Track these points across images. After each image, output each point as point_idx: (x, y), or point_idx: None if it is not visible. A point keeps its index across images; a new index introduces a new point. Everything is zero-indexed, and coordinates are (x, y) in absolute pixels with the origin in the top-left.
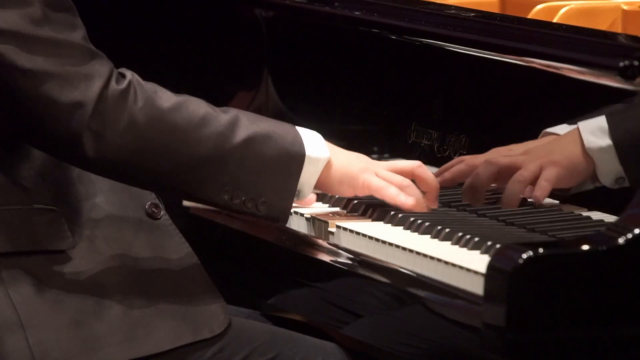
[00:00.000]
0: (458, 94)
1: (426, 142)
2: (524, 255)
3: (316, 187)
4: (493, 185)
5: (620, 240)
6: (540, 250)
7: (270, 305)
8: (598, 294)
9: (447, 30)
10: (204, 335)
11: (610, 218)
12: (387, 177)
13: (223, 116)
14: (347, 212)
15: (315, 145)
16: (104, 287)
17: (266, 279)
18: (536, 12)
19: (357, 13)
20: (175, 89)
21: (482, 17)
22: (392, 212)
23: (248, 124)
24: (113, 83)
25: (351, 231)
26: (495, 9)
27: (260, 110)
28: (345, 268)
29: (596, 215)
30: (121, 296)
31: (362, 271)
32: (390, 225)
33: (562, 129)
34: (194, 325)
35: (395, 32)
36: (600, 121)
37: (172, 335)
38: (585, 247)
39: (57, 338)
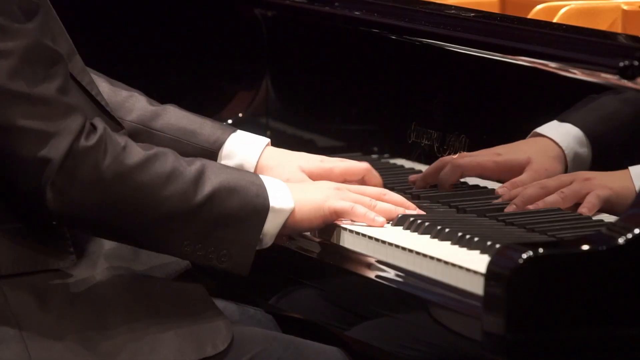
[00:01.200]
0: (458, 94)
1: (426, 142)
2: (524, 255)
3: (285, 231)
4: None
5: (620, 240)
6: (540, 250)
7: (272, 306)
8: (598, 294)
9: (447, 30)
10: (208, 352)
11: (610, 218)
12: (358, 194)
13: (189, 170)
14: None
15: (279, 195)
16: (107, 304)
17: (267, 280)
18: (536, 12)
19: (357, 13)
20: (176, 89)
21: (482, 17)
22: None
23: (213, 178)
24: (82, 140)
25: (351, 231)
26: (495, 9)
27: (261, 110)
28: (346, 268)
29: (596, 215)
30: (125, 314)
31: (362, 271)
32: (390, 225)
33: (550, 128)
34: (198, 342)
35: (395, 32)
36: None
37: (175, 353)
38: (585, 247)
39: (60, 356)
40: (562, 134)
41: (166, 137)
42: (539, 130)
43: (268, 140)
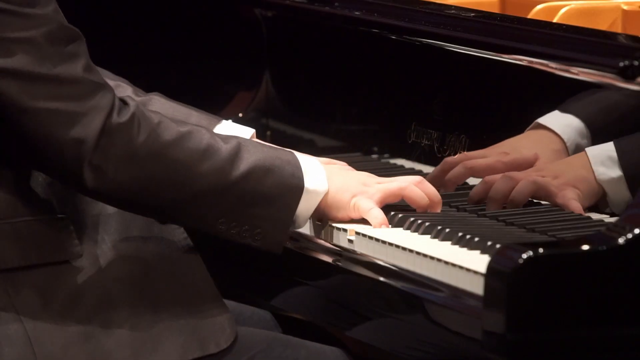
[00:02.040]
0: (458, 94)
1: (426, 142)
2: (524, 255)
3: (313, 216)
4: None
5: (620, 240)
6: (540, 250)
7: (272, 305)
8: (598, 294)
9: (447, 30)
10: (211, 350)
11: (610, 218)
12: (383, 191)
13: (225, 148)
14: None
15: (314, 176)
16: (111, 300)
17: (267, 279)
18: (536, 12)
19: (357, 13)
20: (176, 88)
21: (482, 17)
22: (392, 213)
23: (248, 156)
24: (115, 116)
25: (352, 232)
26: (495, 9)
27: (261, 110)
28: (346, 268)
29: (596, 215)
30: (129, 309)
31: (362, 271)
32: (390, 225)
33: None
34: (201, 339)
35: (395, 32)
36: (609, 150)
37: (179, 351)
38: (585, 247)
39: (64, 353)
40: (563, 125)
41: None
42: (541, 120)
43: (253, 131)
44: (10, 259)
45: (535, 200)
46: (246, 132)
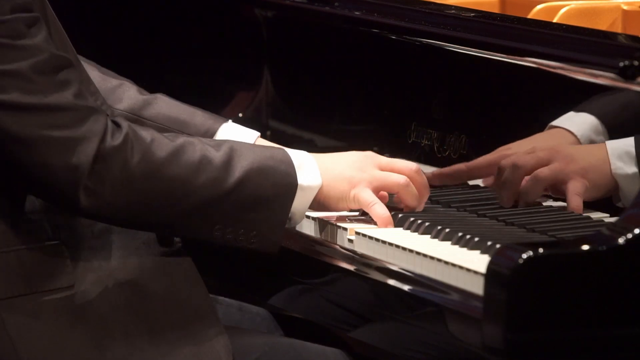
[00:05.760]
0: (458, 94)
1: (426, 142)
2: (524, 255)
3: (311, 209)
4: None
5: (620, 240)
6: (540, 250)
7: (272, 305)
8: (598, 294)
9: (447, 30)
10: None
11: (610, 218)
12: (382, 182)
13: (217, 156)
14: (347, 212)
15: (307, 172)
16: (107, 327)
17: (267, 279)
18: (536, 12)
19: (357, 13)
20: (176, 88)
21: (482, 17)
22: (392, 213)
23: (242, 161)
24: (109, 139)
25: (352, 232)
26: (495, 9)
27: (261, 110)
28: (345, 268)
29: (596, 215)
30: (125, 337)
31: (362, 271)
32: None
33: (567, 120)
34: None
35: (395, 32)
36: (628, 145)
37: None
38: (585, 247)
39: None
40: (577, 123)
41: (157, 127)
42: (555, 122)
43: (258, 133)
44: None
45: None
46: (252, 134)
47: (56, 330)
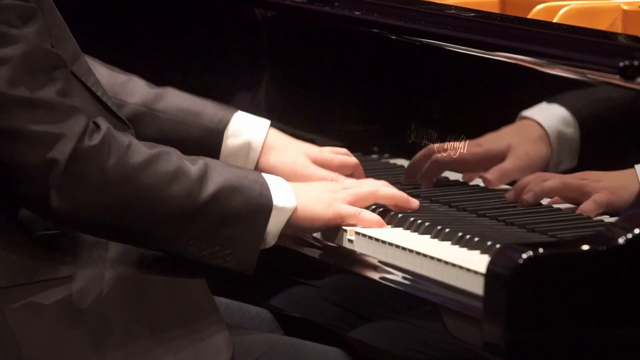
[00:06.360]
0: (458, 94)
1: (426, 142)
2: (524, 255)
3: (287, 231)
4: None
5: (620, 240)
6: (540, 250)
7: (273, 305)
8: (598, 294)
9: (447, 30)
10: None
11: (610, 218)
12: (354, 195)
13: (193, 170)
14: None
15: (282, 193)
16: (107, 321)
17: (267, 279)
18: (536, 12)
19: (357, 13)
20: (176, 88)
21: (482, 17)
22: (392, 213)
23: (216, 176)
24: (86, 140)
25: (351, 232)
26: (495, 9)
27: (260, 110)
28: (346, 268)
29: (596, 215)
30: (125, 331)
31: (362, 271)
32: (390, 225)
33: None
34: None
35: (395, 32)
36: None
37: None
38: (585, 247)
39: None
40: (546, 114)
41: (170, 119)
42: (524, 113)
43: (269, 121)
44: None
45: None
46: (264, 123)
47: (56, 323)
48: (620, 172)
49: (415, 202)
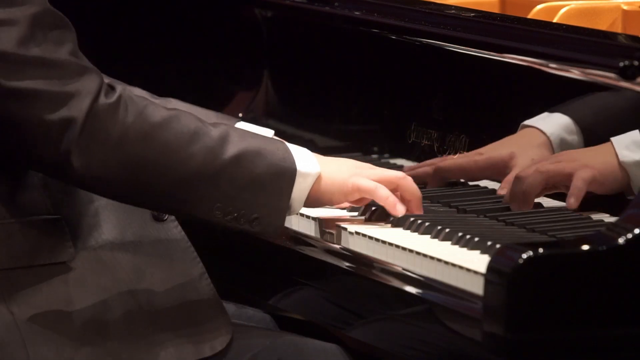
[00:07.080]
0: (458, 94)
1: (426, 142)
2: (524, 255)
3: (308, 201)
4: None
5: (620, 240)
6: (540, 250)
7: (271, 306)
8: (598, 294)
9: (447, 30)
10: (205, 353)
11: (610, 218)
12: (379, 175)
13: (213, 131)
14: (347, 212)
15: (305, 160)
16: (106, 304)
17: (266, 280)
18: (536, 12)
19: (357, 13)
20: (176, 89)
21: (482, 17)
22: None
23: (238, 140)
24: (102, 97)
25: (351, 231)
26: (495, 9)
27: (261, 110)
28: (345, 268)
29: (596, 215)
30: (124, 314)
31: (362, 271)
32: (390, 225)
33: (537, 119)
34: (196, 343)
35: (395, 32)
36: (635, 135)
37: (174, 355)
38: (585, 247)
39: (58, 356)
40: (548, 122)
41: None
42: (527, 122)
43: (272, 132)
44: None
45: (536, 201)
46: (267, 133)
47: (56, 306)
48: (595, 147)
49: (420, 210)
